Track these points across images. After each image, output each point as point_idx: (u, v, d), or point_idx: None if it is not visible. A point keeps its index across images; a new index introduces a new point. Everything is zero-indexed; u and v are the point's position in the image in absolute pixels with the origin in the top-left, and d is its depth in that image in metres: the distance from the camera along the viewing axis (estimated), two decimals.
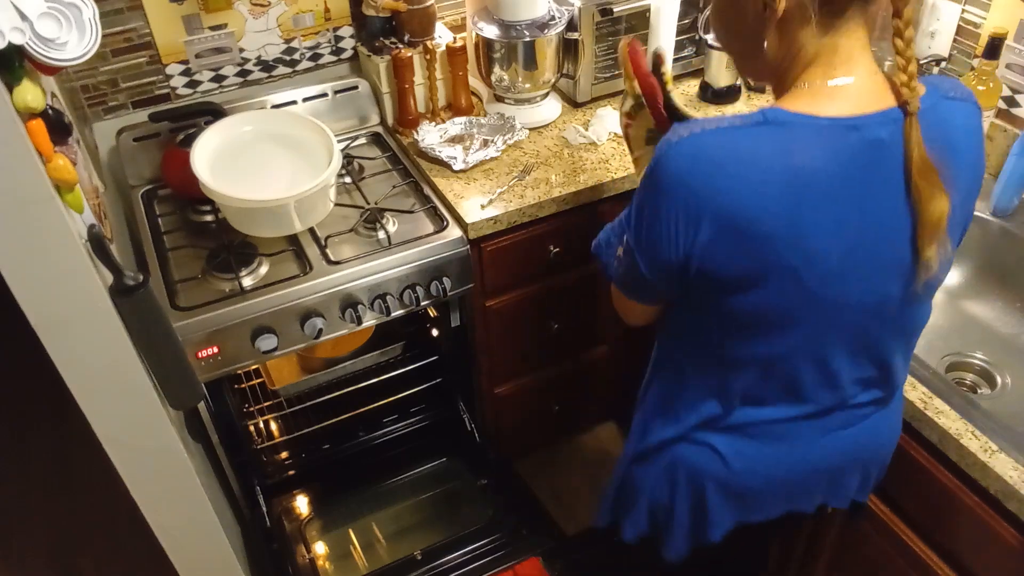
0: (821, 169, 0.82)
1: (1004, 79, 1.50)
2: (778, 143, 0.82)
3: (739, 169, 0.82)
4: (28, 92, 0.91)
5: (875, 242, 0.87)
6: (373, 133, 1.82)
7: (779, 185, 0.82)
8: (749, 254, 0.85)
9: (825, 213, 0.84)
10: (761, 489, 1.10)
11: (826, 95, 0.85)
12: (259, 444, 1.88)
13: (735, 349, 0.96)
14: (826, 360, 0.96)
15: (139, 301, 1.09)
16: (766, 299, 0.88)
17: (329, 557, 1.72)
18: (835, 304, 0.90)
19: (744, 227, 0.83)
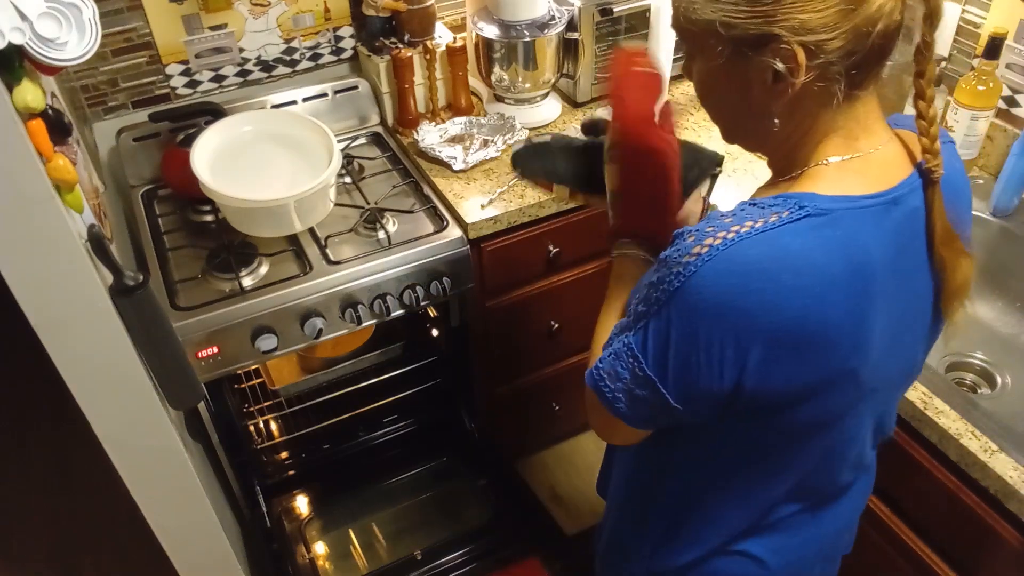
0: (879, 258, 0.73)
1: (1004, 79, 1.50)
2: (829, 238, 0.71)
3: (796, 280, 0.69)
4: (28, 92, 0.91)
5: (913, 315, 0.81)
6: (373, 133, 1.82)
7: (842, 288, 0.71)
8: (812, 366, 0.74)
9: (884, 302, 0.75)
10: (802, 573, 1.03)
11: (853, 171, 0.75)
12: (259, 444, 1.88)
13: (781, 460, 0.85)
14: (860, 440, 0.91)
15: (139, 301, 1.09)
16: (824, 405, 0.78)
17: (329, 557, 1.72)
18: (876, 388, 0.83)
19: (807, 341, 0.71)
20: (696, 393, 0.76)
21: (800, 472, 0.88)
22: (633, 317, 0.79)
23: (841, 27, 0.68)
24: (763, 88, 0.73)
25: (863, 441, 0.93)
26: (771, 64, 0.71)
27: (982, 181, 1.55)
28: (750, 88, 0.74)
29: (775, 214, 0.71)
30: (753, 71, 0.73)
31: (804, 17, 0.68)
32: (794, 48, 0.69)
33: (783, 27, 0.69)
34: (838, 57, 0.70)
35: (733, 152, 1.69)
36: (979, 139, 1.53)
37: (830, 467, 0.91)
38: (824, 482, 0.93)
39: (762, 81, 0.73)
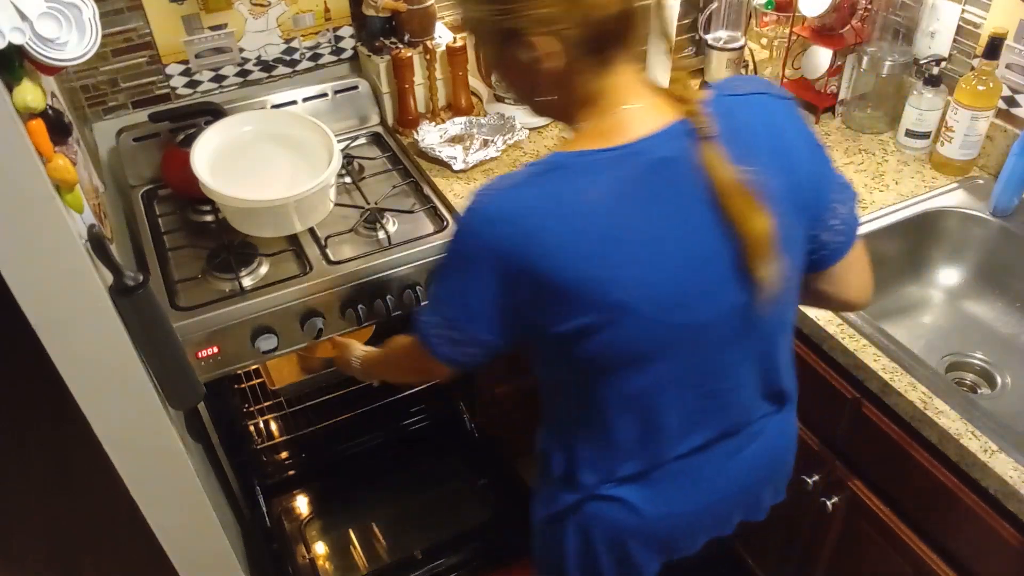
0: (615, 202, 0.83)
1: (1004, 79, 1.50)
2: (569, 186, 0.83)
3: (538, 221, 0.82)
4: (28, 92, 0.91)
5: (701, 261, 0.86)
6: (373, 133, 1.82)
7: (579, 228, 0.82)
8: (574, 302, 0.84)
9: (634, 243, 0.84)
10: (680, 529, 1.08)
11: (609, 128, 0.86)
12: (259, 444, 1.88)
13: (605, 393, 0.94)
14: (704, 385, 0.95)
15: (139, 301, 1.09)
16: (612, 339, 0.87)
17: (329, 557, 1.72)
18: (689, 328, 0.89)
19: (560, 278, 0.83)
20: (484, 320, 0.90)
21: (635, 408, 0.95)
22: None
23: (571, 17, 0.80)
24: (528, 71, 0.86)
25: (716, 384, 0.96)
26: (525, 53, 0.84)
27: (982, 181, 1.55)
28: (520, 72, 0.88)
29: (530, 170, 0.85)
30: (515, 59, 0.86)
31: (538, 12, 0.81)
32: (536, 39, 0.82)
33: (524, 22, 0.82)
34: (577, 42, 0.82)
35: None
36: (979, 139, 1.53)
37: (673, 405, 0.95)
38: (677, 425, 0.98)
39: (524, 66, 0.86)
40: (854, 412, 1.28)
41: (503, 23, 0.84)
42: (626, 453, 0.99)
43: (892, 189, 1.55)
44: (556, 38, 0.82)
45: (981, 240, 1.49)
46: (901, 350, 1.22)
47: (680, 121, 0.86)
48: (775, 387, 1.04)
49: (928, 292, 1.53)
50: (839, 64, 1.72)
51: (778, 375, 1.03)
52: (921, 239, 1.51)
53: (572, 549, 1.09)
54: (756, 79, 0.95)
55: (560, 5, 0.80)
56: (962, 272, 1.53)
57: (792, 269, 0.93)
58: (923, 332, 1.47)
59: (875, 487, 1.31)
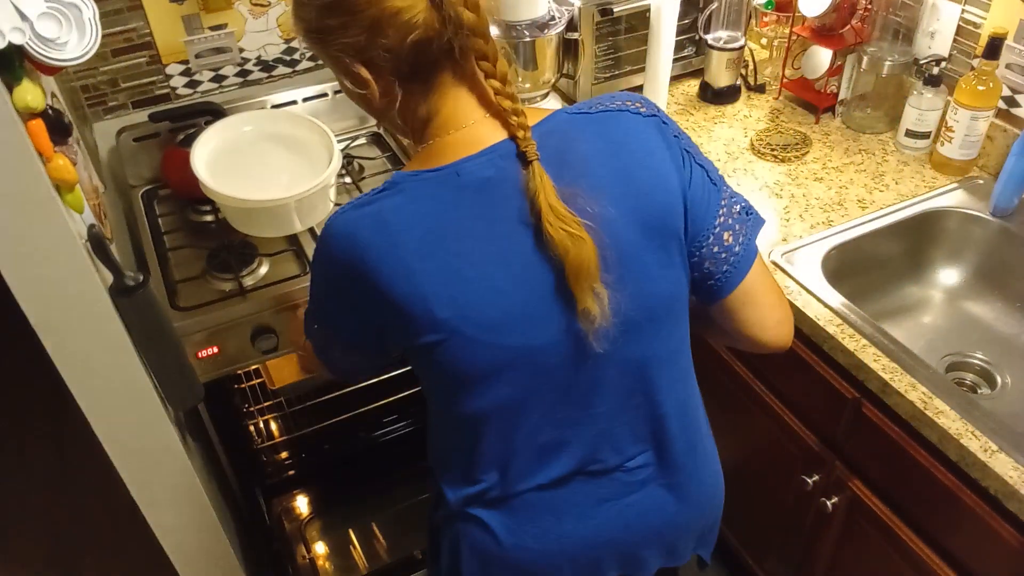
0: (434, 222, 0.83)
1: (1004, 79, 1.50)
2: (401, 206, 0.84)
3: (372, 238, 0.83)
4: (28, 92, 0.92)
5: (525, 284, 0.85)
6: (373, 133, 1.82)
7: (407, 245, 0.83)
8: (408, 318, 0.84)
9: (453, 263, 0.83)
10: (540, 567, 1.01)
11: (439, 149, 0.87)
12: (259, 444, 1.88)
13: (462, 409, 0.91)
14: (555, 413, 0.92)
15: (139, 301, 1.09)
16: (449, 356, 0.86)
17: (329, 557, 1.72)
18: (522, 350, 0.86)
19: (390, 294, 0.84)
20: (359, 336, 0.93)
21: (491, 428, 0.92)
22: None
23: (378, 45, 0.82)
24: (357, 96, 0.90)
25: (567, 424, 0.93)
26: (346, 79, 0.88)
27: (982, 181, 1.55)
28: (353, 96, 0.91)
29: (374, 192, 0.86)
30: (343, 84, 0.90)
31: (346, 41, 0.83)
32: (352, 66, 0.85)
33: (339, 51, 0.84)
34: (391, 69, 0.84)
35: (733, 152, 1.69)
36: (979, 139, 1.53)
37: (527, 432, 0.92)
38: (533, 460, 0.94)
39: (351, 92, 0.90)
40: (854, 412, 1.28)
41: (323, 51, 0.87)
42: (486, 473, 0.96)
43: (892, 189, 1.55)
44: (368, 66, 0.84)
45: (981, 240, 1.49)
46: (901, 350, 1.22)
47: (507, 140, 0.85)
48: (659, 433, 0.98)
49: (928, 292, 1.53)
50: (839, 64, 1.72)
51: (662, 420, 0.97)
52: (921, 239, 1.51)
53: (445, 563, 1.07)
54: (623, 95, 0.91)
55: (363, 35, 0.81)
56: (962, 272, 1.53)
57: (641, 298, 0.88)
58: (923, 332, 1.47)
59: (875, 487, 1.31)
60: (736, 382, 1.53)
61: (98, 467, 1.44)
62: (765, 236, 1.44)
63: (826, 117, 1.79)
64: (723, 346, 1.54)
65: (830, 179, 1.59)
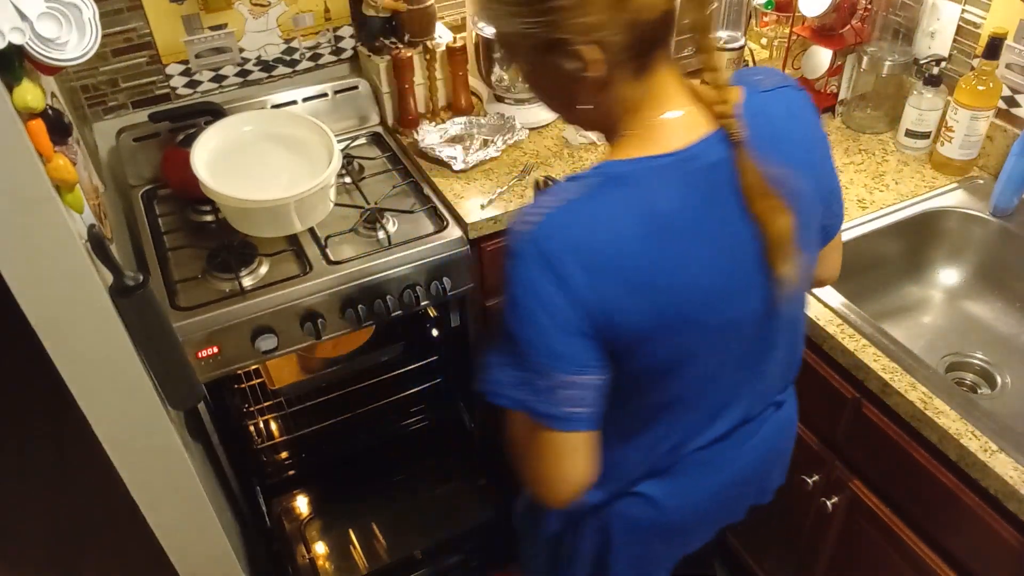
0: (679, 208, 0.82)
1: (1004, 79, 1.50)
2: (626, 197, 0.81)
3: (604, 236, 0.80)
4: (28, 92, 0.91)
5: (737, 260, 0.87)
6: (373, 133, 1.82)
7: (645, 238, 0.81)
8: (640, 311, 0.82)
9: (693, 247, 0.84)
10: (697, 517, 1.09)
11: (658, 133, 0.84)
12: (259, 444, 1.88)
13: (652, 398, 0.93)
14: (735, 377, 0.97)
15: (139, 301, 1.09)
16: (673, 345, 0.86)
17: (329, 557, 1.72)
18: (728, 325, 0.89)
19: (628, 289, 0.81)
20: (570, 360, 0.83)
21: (675, 408, 0.95)
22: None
23: (617, 23, 0.78)
24: (570, 81, 0.83)
25: (734, 378, 0.97)
26: (569, 62, 0.81)
27: (982, 181, 1.55)
28: (561, 82, 0.85)
29: (580, 187, 0.82)
30: (558, 69, 0.82)
31: (582, 21, 0.78)
32: (581, 48, 0.79)
33: (568, 31, 0.79)
34: (621, 48, 0.80)
35: None
36: (979, 139, 1.53)
37: (702, 401, 0.97)
38: (703, 419, 0.99)
39: (567, 76, 0.83)
40: (854, 412, 1.28)
41: (545, 35, 0.80)
42: (658, 450, 1.00)
43: (892, 189, 1.55)
44: (600, 46, 0.79)
45: (981, 240, 1.49)
46: (901, 350, 1.22)
47: (716, 131, 0.85)
48: (794, 374, 1.08)
49: (928, 292, 1.53)
50: (839, 64, 1.72)
51: (798, 364, 1.07)
52: (921, 239, 1.52)
53: (586, 552, 1.08)
54: (774, 72, 0.95)
55: (606, 12, 0.77)
56: (962, 272, 1.53)
57: (809, 262, 0.96)
58: (923, 332, 1.47)
59: (875, 487, 1.31)
60: None
61: (98, 467, 1.44)
62: None
63: (826, 117, 1.79)
64: None
65: None
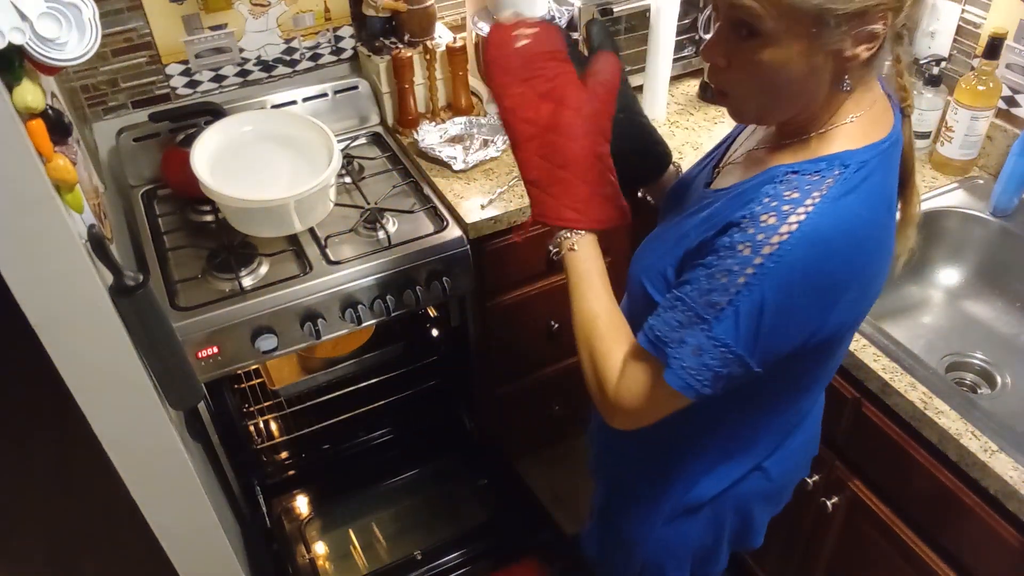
0: (893, 191, 0.86)
1: (1004, 79, 1.50)
2: (874, 187, 0.80)
3: (867, 233, 0.80)
4: (28, 92, 0.91)
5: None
6: (373, 133, 1.82)
7: (890, 227, 0.85)
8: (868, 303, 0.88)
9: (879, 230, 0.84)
10: (792, 479, 1.15)
11: (869, 122, 0.83)
12: (259, 444, 1.88)
13: (816, 375, 0.97)
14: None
15: (139, 301, 1.09)
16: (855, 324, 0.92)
17: (329, 557, 1.72)
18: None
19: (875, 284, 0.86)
20: (781, 353, 0.82)
21: (820, 385, 1.02)
22: (701, 308, 0.81)
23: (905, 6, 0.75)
24: (841, 60, 0.77)
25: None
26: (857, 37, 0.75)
27: (982, 181, 1.55)
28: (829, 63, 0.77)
29: (831, 178, 0.78)
30: (838, 47, 0.76)
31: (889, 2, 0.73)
32: (877, 22, 0.74)
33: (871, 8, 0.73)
34: (900, 24, 0.76)
35: None
36: (979, 139, 1.53)
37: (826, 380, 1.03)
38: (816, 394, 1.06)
39: (842, 54, 0.76)
40: (854, 412, 1.28)
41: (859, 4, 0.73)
42: (793, 422, 1.04)
43: None
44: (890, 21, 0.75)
45: (981, 240, 1.49)
46: (901, 350, 1.22)
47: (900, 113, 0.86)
48: None
49: (928, 292, 1.53)
50: None
51: None
52: (921, 239, 1.50)
53: (697, 537, 1.11)
54: None
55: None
56: (962, 272, 1.53)
57: None
58: (923, 332, 1.47)
59: (875, 487, 1.31)
60: None
61: (98, 467, 1.43)
62: None
63: None
64: None
65: None
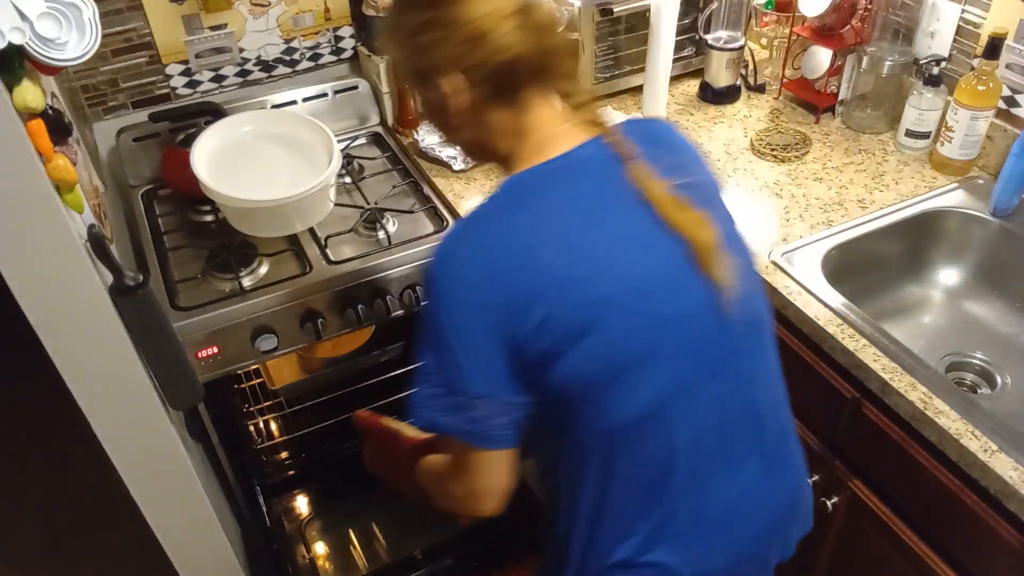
0: (574, 205, 0.87)
1: (1004, 79, 1.50)
2: (527, 199, 0.88)
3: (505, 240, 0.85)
4: (28, 92, 0.91)
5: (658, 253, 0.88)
6: (373, 133, 1.82)
7: (552, 232, 0.85)
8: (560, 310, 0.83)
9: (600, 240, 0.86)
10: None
11: (544, 148, 0.91)
12: (259, 444, 1.88)
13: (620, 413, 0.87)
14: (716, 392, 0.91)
15: (139, 301, 1.09)
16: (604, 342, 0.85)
17: (329, 557, 1.72)
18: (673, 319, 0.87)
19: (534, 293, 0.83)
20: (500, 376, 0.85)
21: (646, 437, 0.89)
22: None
23: (475, 57, 0.87)
24: (443, 108, 0.92)
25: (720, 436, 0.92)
26: (437, 90, 0.90)
27: (982, 181, 1.55)
28: (437, 108, 0.94)
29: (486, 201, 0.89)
30: (433, 96, 0.92)
31: (445, 53, 0.88)
32: (444, 79, 0.89)
33: (434, 62, 0.89)
34: (483, 80, 0.89)
35: (733, 152, 1.69)
36: (979, 139, 1.53)
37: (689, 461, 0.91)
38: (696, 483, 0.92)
39: (439, 103, 0.92)
40: (854, 412, 1.28)
41: (416, 63, 0.92)
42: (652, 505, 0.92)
43: (892, 189, 1.55)
44: (464, 77, 0.89)
45: (981, 240, 1.49)
46: (901, 350, 1.22)
47: (596, 138, 0.92)
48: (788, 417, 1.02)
49: (928, 292, 1.53)
50: (839, 64, 1.72)
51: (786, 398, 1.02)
52: (921, 239, 1.52)
53: None
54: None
55: (464, 46, 0.87)
56: (962, 272, 1.53)
57: (746, 263, 0.96)
58: (923, 332, 1.47)
59: (875, 487, 1.31)
60: None
61: (98, 467, 1.44)
62: (765, 236, 1.45)
63: (826, 117, 1.79)
64: None
65: (830, 179, 1.59)
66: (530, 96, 0.92)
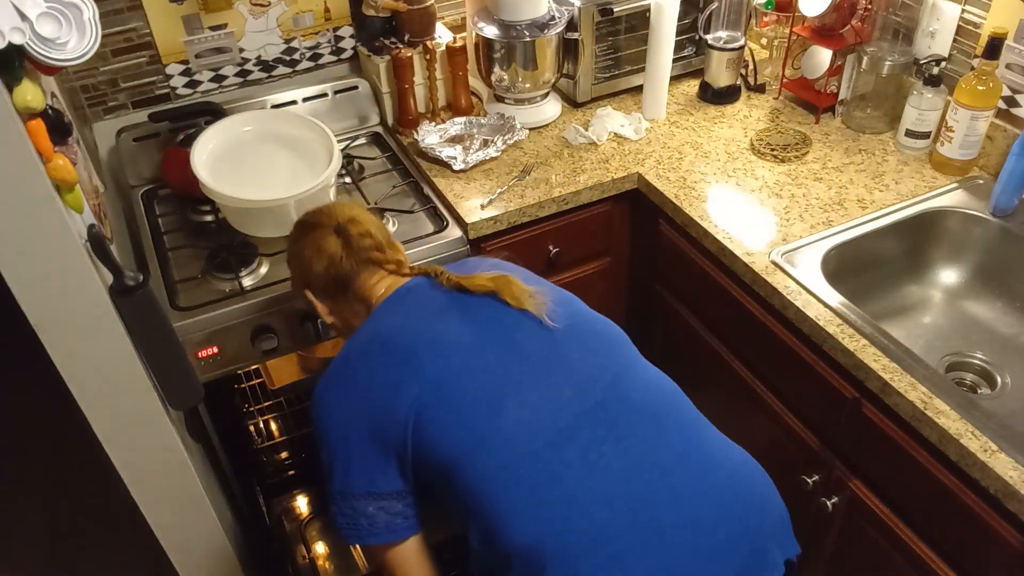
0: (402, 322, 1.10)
1: (1004, 79, 1.50)
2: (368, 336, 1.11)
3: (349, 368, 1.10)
4: (28, 92, 0.92)
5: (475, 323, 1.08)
6: (373, 133, 1.82)
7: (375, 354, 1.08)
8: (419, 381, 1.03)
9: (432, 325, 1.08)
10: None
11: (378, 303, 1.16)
12: (259, 444, 1.88)
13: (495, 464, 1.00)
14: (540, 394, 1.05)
15: (139, 301, 1.09)
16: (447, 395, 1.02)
17: (329, 557, 1.72)
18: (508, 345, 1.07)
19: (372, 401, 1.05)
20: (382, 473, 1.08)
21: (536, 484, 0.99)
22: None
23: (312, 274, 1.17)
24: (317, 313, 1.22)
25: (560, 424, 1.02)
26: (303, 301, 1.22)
27: (982, 181, 1.55)
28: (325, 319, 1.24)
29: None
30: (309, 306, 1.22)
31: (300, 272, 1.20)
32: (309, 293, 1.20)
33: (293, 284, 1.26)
34: (323, 288, 1.18)
35: (733, 152, 1.69)
36: (979, 139, 1.53)
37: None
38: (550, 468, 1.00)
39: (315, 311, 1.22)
40: (854, 412, 1.28)
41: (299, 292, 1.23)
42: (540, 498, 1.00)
43: (892, 189, 1.55)
44: (313, 291, 1.19)
45: (981, 240, 1.49)
46: (901, 350, 1.22)
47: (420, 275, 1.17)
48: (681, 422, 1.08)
49: (928, 292, 1.53)
50: (839, 64, 1.72)
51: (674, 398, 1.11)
52: (921, 239, 1.52)
53: None
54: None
55: (300, 271, 1.20)
56: (962, 272, 1.53)
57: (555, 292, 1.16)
58: (923, 332, 1.47)
59: (875, 487, 1.31)
60: (736, 381, 1.53)
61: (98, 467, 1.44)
62: (765, 236, 1.45)
63: (826, 117, 1.79)
64: (720, 343, 1.54)
65: (830, 179, 1.59)
66: (361, 281, 1.16)
